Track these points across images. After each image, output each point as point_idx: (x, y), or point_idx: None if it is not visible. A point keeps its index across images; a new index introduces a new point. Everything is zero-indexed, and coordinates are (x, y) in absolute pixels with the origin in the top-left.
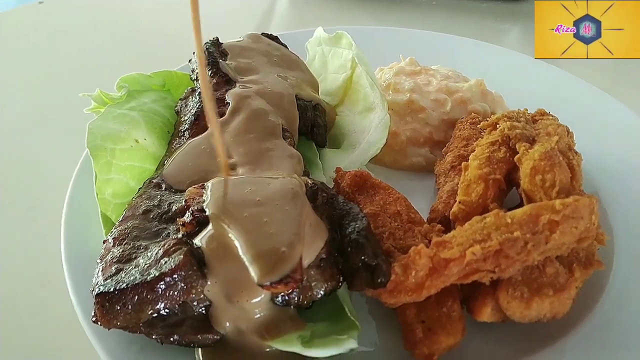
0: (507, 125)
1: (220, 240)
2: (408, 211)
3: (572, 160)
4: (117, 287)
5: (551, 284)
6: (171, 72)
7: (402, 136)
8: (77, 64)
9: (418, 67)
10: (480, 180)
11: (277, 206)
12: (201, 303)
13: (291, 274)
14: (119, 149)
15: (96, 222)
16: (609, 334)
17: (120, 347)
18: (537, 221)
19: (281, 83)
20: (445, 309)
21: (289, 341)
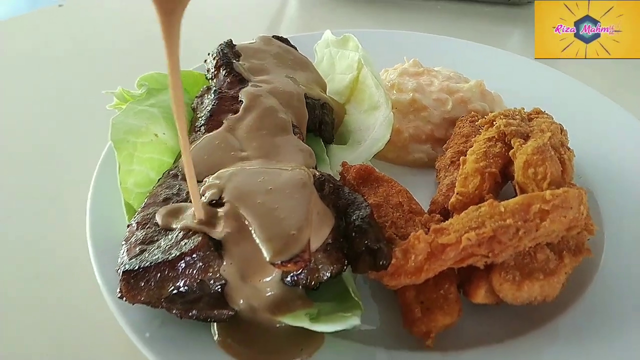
0: (503, 122)
1: (236, 225)
2: (409, 202)
3: (563, 155)
4: (142, 265)
5: (542, 268)
6: (187, 71)
7: (405, 133)
8: (98, 64)
9: (421, 68)
10: (477, 173)
11: (287, 194)
12: (217, 282)
13: (300, 254)
14: (140, 142)
15: (119, 209)
16: (597, 317)
17: (142, 322)
18: (529, 210)
19: (291, 83)
20: (443, 291)
21: (297, 317)
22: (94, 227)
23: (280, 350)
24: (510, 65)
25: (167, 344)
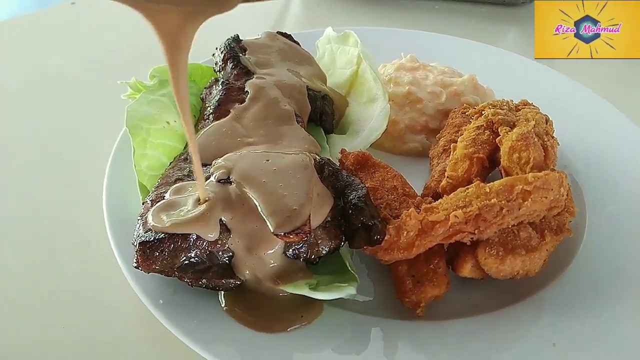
0: (491, 111)
1: (242, 201)
2: (403, 186)
3: (546, 142)
4: (157, 237)
5: (524, 245)
6: (196, 64)
7: (401, 124)
8: (112, 57)
9: (417, 63)
10: (466, 158)
11: (290, 174)
12: (225, 253)
13: (301, 227)
14: (153, 129)
15: (133, 189)
16: (578, 292)
17: (156, 290)
18: (512, 190)
19: (294, 76)
20: (432, 265)
21: (298, 286)
22: (110, 205)
23: (282, 317)
24: (502, 61)
25: (179, 310)
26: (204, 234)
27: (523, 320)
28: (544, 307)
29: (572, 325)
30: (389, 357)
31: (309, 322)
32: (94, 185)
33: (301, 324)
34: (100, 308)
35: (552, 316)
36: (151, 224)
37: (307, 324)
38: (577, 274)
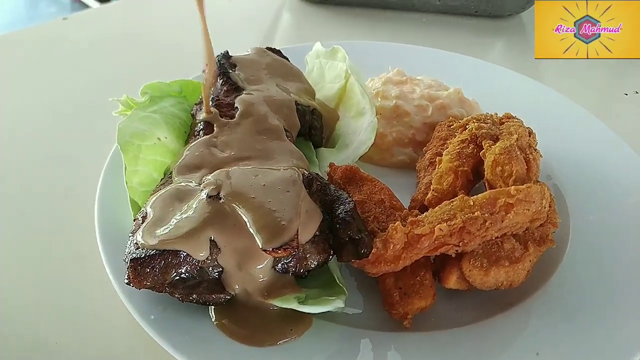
0: (475, 125)
1: (232, 217)
2: (390, 199)
3: (529, 155)
4: (148, 253)
5: (507, 257)
6: (187, 80)
7: (388, 137)
8: (103, 74)
9: (404, 77)
10: (451, 172)
11: (279, 190)
12: (215, 269)
13: (289, 242)
14: (144, 145)
15: (125, 206)
16: (562, 301)
17: (147, 306)
18: (495, 203)
19: (283, 91)
20: (419, 277)
21: (287, 300)
22: (102, 221)
23: (271, 331)
24: (487, 74)
25: (170, 325)
26: (195, 254)
27: (508, 330)
28: (528, 317)
29: (556, 334)
30: None
31: (298, 336)
32: (86, 201)
33: (291, 337)
34: (93, 324)
35: (536, 326)
36: (141, 241)
37: (297, 337)
38: (561, 284)
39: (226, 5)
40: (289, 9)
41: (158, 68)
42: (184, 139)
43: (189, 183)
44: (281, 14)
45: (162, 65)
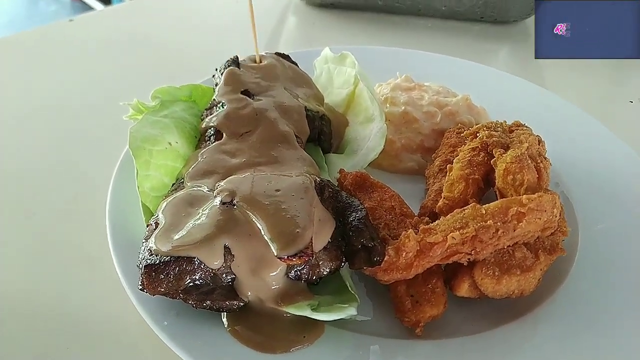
0: (486, 133)
1: (246, 224)
2: (401, 206)
3: (539, 164)
4: (162, 259)
5: (519, 265)
6: (197, 85)
7: (397, 143)
8: (113, 77)
9: (412, 83)
10: (462, 180)
11: (292, 197)
12: (229, 275)
13: (304, 250)
14: (155, 150)
15: (136, 211)
16: (572, 309)
17: (160, 312)
18: (507, 212)
19: (292, 97)
20: (431, 285)
21: (300, 307)
22: (114, 227)
23: (284, 338)
24: (495, 80)
25: (183, 331)
26: (209, 262)
27: (518, 338)
28: (538, 324)
29: (566, 344)
30: None
31: (310, 343)
32: (94, 205)
33: (303, 344)
34: (104, 329)
35: (546, 335)
36: (155, 248)
37: (309, 344)
38: (570, 293)
39: (232, 6)
40: (294, 12)
41: (166, 72)
42: (194, 144)
43: (201, 188)
44: (286, 16)
45: (171, 69)
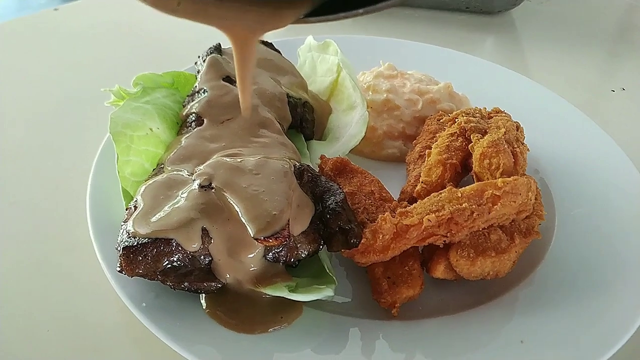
0: (464, 119)
1: (224, 207)
2: (380, 191)
3: (516, 149)
4: (140, 241)
5: (494, 247)
6: (179, 72)
7: (379, 130)
8: (95, 64)
9: (395, 71)
10: (440, 164)
11: (270, 180)
12: (207, 257)
13: (280, 231)
14: (136, 136)
15: (117, 196)
16: (546, 292)
17: (139, 294)
18: (482, 195)
19: (274, 84)
20: (407, 267)
21: (277, 288)
22: (94, 211)
23: (262, 319)
24: (477, 69)
25: (162, 312)
26: (187, 245)
27: (493, 318)
28: (513, 306)
29: (540, 323)
30: (366, 356)
31: (288, 323)
32: (78, 191)
33: (281, 325)
34: (84, 312)
35: (521, 315)
36: (133, 230)
37: (287, 325)
38: (546, 275)
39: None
40: None
41: (150, 59)
42: (176, 130)
43: (180, 173)
44: None
45: (154, 57)
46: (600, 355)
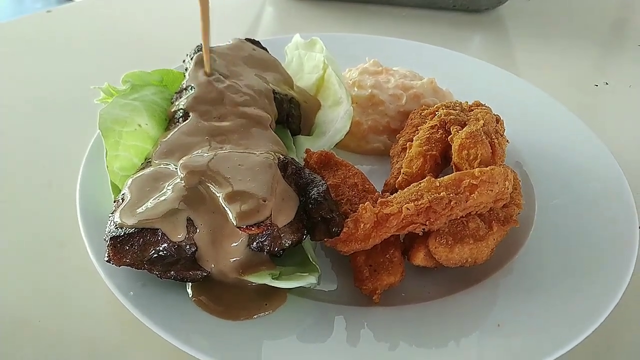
0: (444, 112)
1: (208, 198)
2: (364, 183)
3: (494, 140)
4: (127, 232)
5: (472, 235)
6: (168, 70)
7: (364, 125)
8: (86, 63)
9: (380, 67)
10: (420, 156)
11: (255, 172)
12: (192, 247)
13: (263, 220)
14: (125, 131)
15: (106, 189)
16: (523, 279)
17: (127, 283)
18: (460, 184)
19: (261, 81)
20: (388, 255)
21: (261, 276)
22: (84, 204)
23: (247, 306)
24: (461, 65)
25: (149, 300)
26: (172, 235)
27: (471, 304)
28: (491, 292)
29: (516, 308)
30: (349, 341)
31: (273, 310)
32: (69, 189)
33: (265, 311)
34: (75, 302)
35: (498, 300)
36: (120, 221)
37: (272, 311)
38: (523, 263)
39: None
40: (272, 3)
41: (141, 61)
42: (164, 126)
43: (167, 166)
44: (264, 7)
45: (145, 58)
46: (574, 338)
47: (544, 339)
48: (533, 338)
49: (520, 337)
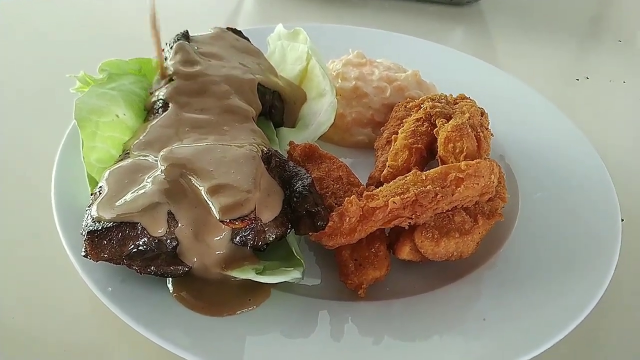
0: (430, 105)
1: (189, 191)
2: (348, 176)
3: (480, 134)
4: (105, 226)
5: (458, 229)
6: (147, 59)
7: (348, 118)
8: (61, 50)
9: (364, 59)
10: (406, 149)
11: (238, 164)
12: (173, 241)
13: (248, 214)
14: (102, 122)
15: (82, 182)
16: (507, 273)
17: (105, 279)
18: (446, 178)
19: (243, 71)
20: (374, 249)
21: (245, 271)
22: (59, 197)
23: (229, 301)
24: (445, 57)
25: (128, 297)
26: (152, 230)
27: (457, 298)
28: (477, 286)
29: (502, 301)
30: (334, 336)
31: (256, 306)
32: (43, 178)
33: (249, 307)
34: (50, 298)
35: (483, 294)
36: (98, 215)
37: (255, 307)
38: (508, 256)
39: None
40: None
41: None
42: (143, 117)
43: (146, 158)
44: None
45: (123, 46)
46: (559, 331)
47: (529, 333)
48: (518, 332)
49: (505, 330)
